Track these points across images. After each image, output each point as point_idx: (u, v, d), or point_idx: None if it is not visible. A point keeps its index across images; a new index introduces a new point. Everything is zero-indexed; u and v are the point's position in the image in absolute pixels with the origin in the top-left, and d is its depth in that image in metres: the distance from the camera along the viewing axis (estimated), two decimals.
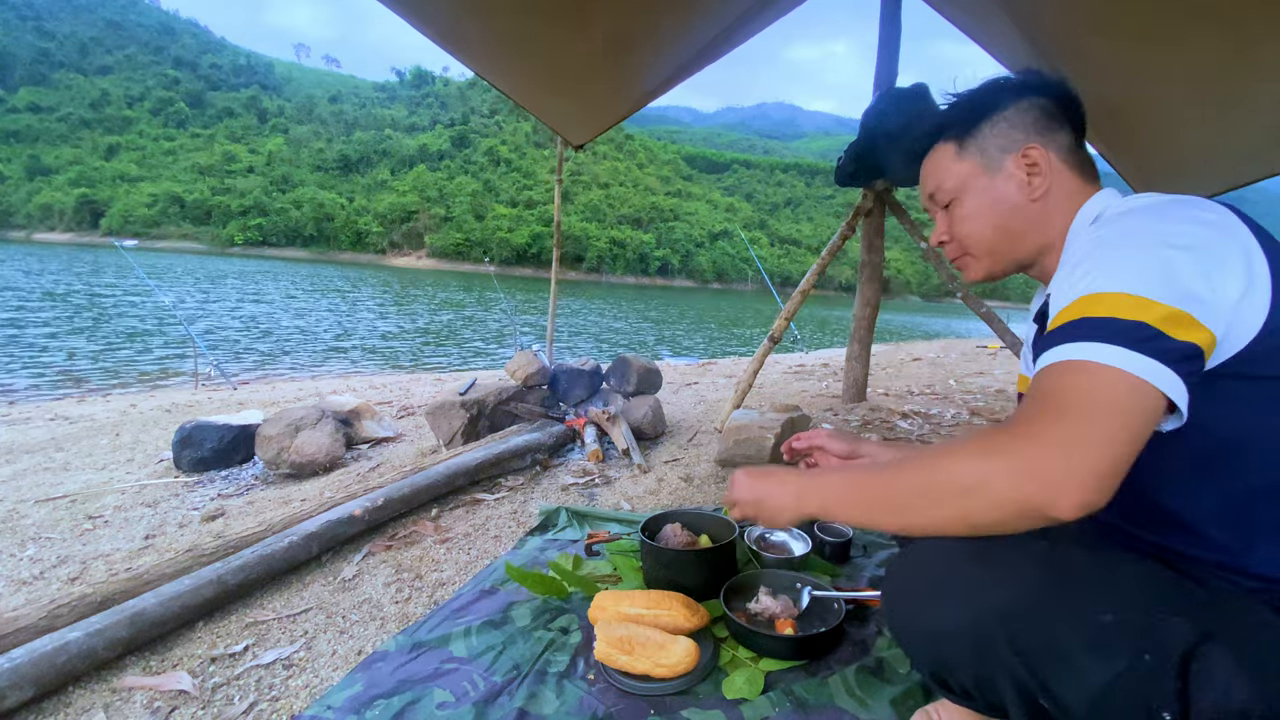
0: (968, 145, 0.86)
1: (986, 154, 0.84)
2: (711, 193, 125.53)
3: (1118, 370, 0.59)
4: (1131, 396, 0.59)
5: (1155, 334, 0.59)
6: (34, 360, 7.50)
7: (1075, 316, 0.64)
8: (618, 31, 2.51)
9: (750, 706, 1.08)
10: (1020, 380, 1.03)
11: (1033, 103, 0.83)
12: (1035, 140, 0.82)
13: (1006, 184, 0.83)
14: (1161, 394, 0.59)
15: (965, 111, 0.87)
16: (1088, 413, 0.59)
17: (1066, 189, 0.82)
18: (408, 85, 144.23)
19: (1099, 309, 0.62)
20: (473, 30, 2.47)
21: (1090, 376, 0.60)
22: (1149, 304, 0.60)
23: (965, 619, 0.68)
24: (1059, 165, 0.82)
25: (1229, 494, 0.67)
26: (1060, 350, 0.64)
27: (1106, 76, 2.73)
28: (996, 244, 0.86)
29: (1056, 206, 0.82)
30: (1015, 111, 0.83)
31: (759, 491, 0.85)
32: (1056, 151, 0.82)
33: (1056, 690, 0.62)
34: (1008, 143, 0.83)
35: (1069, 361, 0.62)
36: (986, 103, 0.85)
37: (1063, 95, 0.84)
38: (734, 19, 2.92)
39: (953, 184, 0.87)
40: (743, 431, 2.47)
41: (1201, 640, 0.58)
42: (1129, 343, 0.59)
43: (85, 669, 1.22)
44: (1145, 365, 0.59)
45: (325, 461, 2.58)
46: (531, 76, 2.92)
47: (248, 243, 73.32)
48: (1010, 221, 0.84)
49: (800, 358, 7.50)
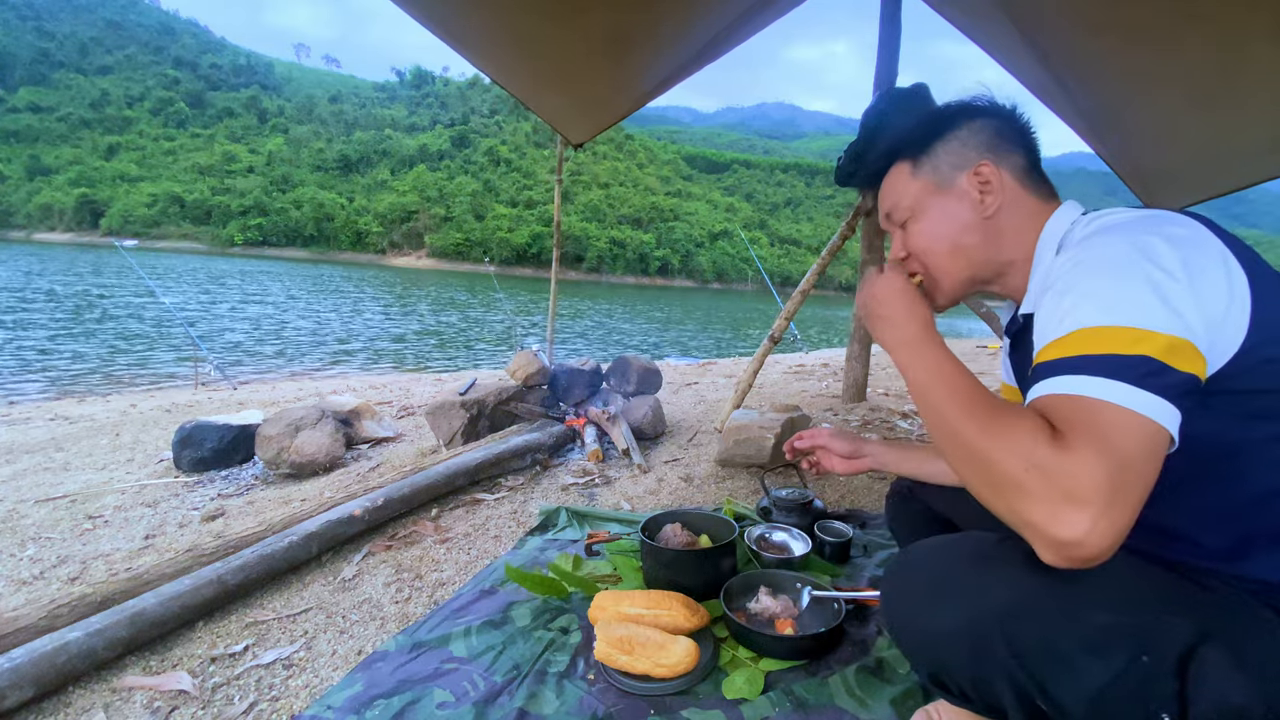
0: (922, 164, 0.87)
1: (939, 172, 0.85)
2: (711, 193, 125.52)
3: (1133, 414, 0.57)
4: (1151, 442, 0.57)
5: (1161, 368, 0.58)
6: (34, 360, 7.50)
7: (1076, 353, 0.62)
8: (617, 29, 2.51)
9: (750, 706, 1.08)
10: (1004, 389, 1.03)
11: (985, 123, 0.84)
12: (987, 158, 0.82)
13: (959, 202, 0.84)
14: (1168, 432, 0.58)
15: (920, 131, 0.88)
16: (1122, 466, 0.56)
17: (1023, 208, 0.82)
18: (408, 85, 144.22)
19: (1100, 345, 0.60)
20: (472, 24, 2.47)
21: (1115, 418, 0.57)
22: (1149, 336, 0.58)
23: (963, 620, 0.68)
24: (1012, 183, 0.82)
25: (1221, 505, 0.67)
26: (1063, 383, 0.61)
27: (1105, 78, 2.74)
28: (953, 264, 0.86)
29: (1012, 224, 0.82)
30: (968, 131, 0.84)
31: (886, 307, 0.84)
32: (1010, 170, 0.82)
33: (1054, 691, 0.62)
34: (960, 160, 0.84)
35: (1087, 399, 0.59)
36: (940, 123, 0.86)
37: (1014, 120, 0.85)
38: (733, 18, 2.91)
39: (908, 202, 0.88)
40: (743, 431, 2.47)
41: (1200, 641, 0.58)
42: (1135, 379, 0.57)
43: (85, 669, 1.22)
44: (1152, 404, 0.57)
45: (325, 461, 2.58)
46: (531, 72, 2.92)
47: (248, 243, 73.29)
48: (963, 239, 0.84)
49: (800, 358, 7.50)
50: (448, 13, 2.39)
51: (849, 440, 1.20)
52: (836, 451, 1.20)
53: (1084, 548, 0.55)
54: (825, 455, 1.22)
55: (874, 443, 1.19)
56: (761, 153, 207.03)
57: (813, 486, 2.25)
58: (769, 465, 2.37)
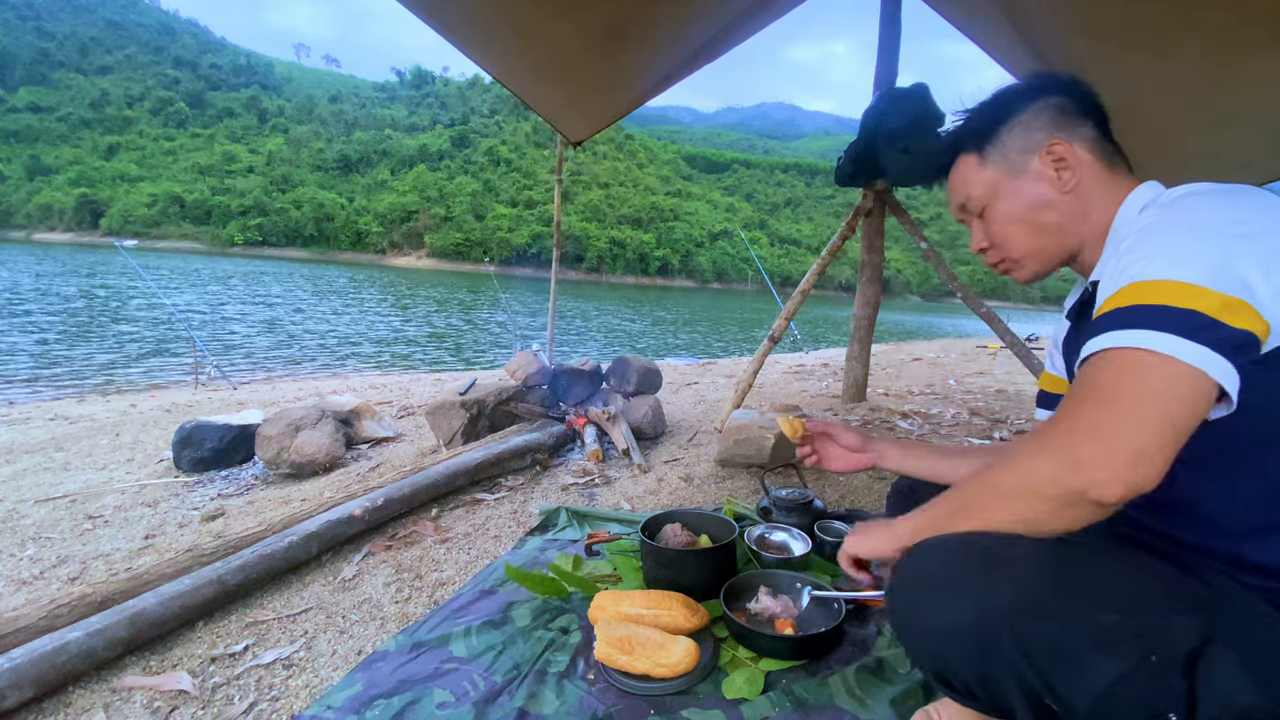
0: (989, 153, 0.87)
1: (1009, 159, 0.85)
2: (711, 193, 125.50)
3: (1168, 357, 0.59)
4: (1180, 383, 0.58)
5: (1211, 322, 0.58)
6: (33, 360, 7.50)
7: (1127, 303, 0.63)
8: (616, 24, 2.51)
9: (750, 706, 1.08)
10: (1043, 378, 1.03)
11: (1047, 102, 0.84)
12: (1057, 135, 0.82)
13: (1036, 183, 0.84)
14: (1214, 381, 0.58)
15: (981, 121, 0.88)
16: (1131, 398, 0.59)
17: (1099, 179, 0.82)
18: (408, 85, 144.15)
19: (1153, 296, 0.61)
20: (471, 18, 2.47)
21: (1138, 363, 0.60)
22: (1204, 292, 0.59)
23: (970, 617, 0.68)
24: (1086, 157, 0.82)
25: (1242, 484, 0.67)
26: (1109, 337, 0.63)
27: (1103, 80, 2.73)
28: (1036, 242, 0.86)
29: (1092, 197, 0.82)
30: (1031, 114, 0.84)
31: (860, 537, 0.87)
32: (1081, 144, 0.82)
33: (1062, 689, 0.61)
34: (1029, 143, 0.84)
35: (1116, 350, 0.62)
36: (1001, 110, 0.86)
37: (1076, 91, 0.84)
38: (732, 18, 2.92)
39: (981, 191, 0.88)
40: (743, 431, 2.47)
41: (1207, 641, 0.58)
42: (1184, 331, 0.58)
43: (85, 669, 1.22)
44: (1199, 353, 0.58)
45: (325, 461, 2.58)
46: (529, 68, 2.92)
47: (248, 243, 73.26)
48: (1045, 218, 0.84)
49: (800, 358, 7.50)
50: (447, 8, 2.39)
51: (856, 434, 1.19)
52: (842, 443, 1.19)
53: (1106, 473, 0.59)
54: (828, 446, 1.21)
55: (880, 440, 1.19)
56: (761, 153, 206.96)
57: (813, 487, 2.24)
58: (769, 465, 2.37)
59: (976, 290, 3.32)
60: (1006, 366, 6.32)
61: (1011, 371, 5.88)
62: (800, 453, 1.24)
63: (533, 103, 3.20)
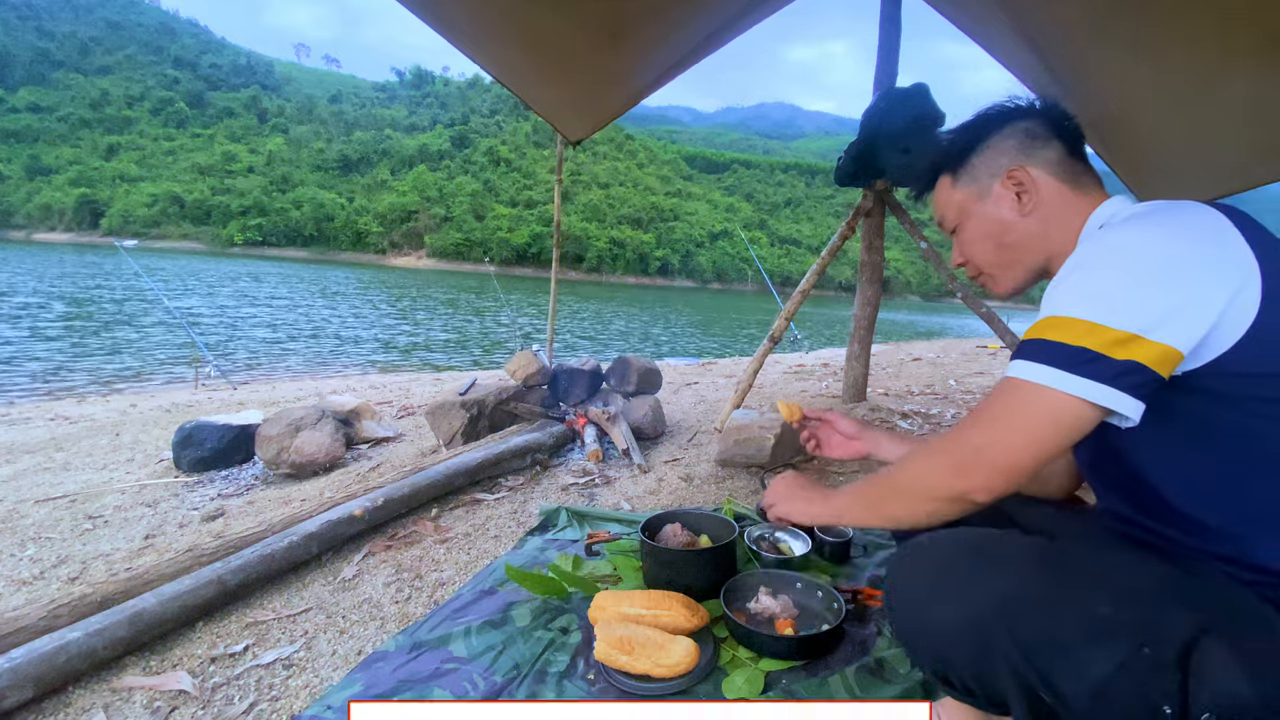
0: (961, 176, 0.93)
1: (978, 181, 0.91)
2: (711, 193, 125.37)
3: (1046, 389, 0.67)
4: (1049, 409, 0.67)
5: (1095, 357, 0.65)
6: (33, 360, 7.50)
7: (1033, 336, 0.71)
8: (614, 18, 2.51)
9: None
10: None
11: (1015, 127, 0.89)
12: (1019, 161, 0.87)
13: (998, 206, 0.89)
14: (1093, 406, 0.65)
15: (957, 146, 0.94)
16: (1009, 422, 0.70)
17: (1062, 199, 0.86)
18: (408, 85, 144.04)
19: (1052, 332, 0.68)
20: (470, 16, 2.46)
21: (1021, 391, 0.69)
22: (1098, 329, 0.65)
23: (966, 613, 0.69)
24: (1047, 180, 0.86)
25: (1231, 487, 0.68)
26: (1012, 365, 0.72)
27: (1103, 80, 2.74)
28: (1003, 261, 0.91)
29: (1052, 218, 0.86)
30: (999, 138, 0.90)
31: (786, 496, 1.02)
32: (1044, 168, 0.86)
33: (1057, 683, 0.62)
34: (994, 168, 0.89)
35: (1011, 379, 0.71)
36: (974, 135, 0.92)
37: (1047, 114, 0.89)
38: (731, 13, 2.91)
39: (953, 213, 0.95)
40: (743, 431, 2.47)
41: (1201, 633, 0.59)
42: (1067, 366, 0.66)
43: (85, 669, 1.23)
44: (1078, 385, 0.65)
45: (325, 461, 2.58)
46: (528, 66, 2.92)
47: (248, 243, 73.20)
48: (1008, 239, 0.89)
49: (800, 358, 7.50)
50: (446, 7, 2.39)
51: (853, 422, 1.22)
52: (839, 429, 1.22)
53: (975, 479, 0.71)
54: (826, 432, 1.24)
55: (876, 430, 1.21)
56: (761, 153, 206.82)
57: None
58: (769, 465, 2.37)
59: (976, 290, 3.31)
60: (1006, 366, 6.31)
61: None
62: (801, 437, 1.27)
63: (532, 101, 3.20)
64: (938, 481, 0.74)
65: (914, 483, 0.78)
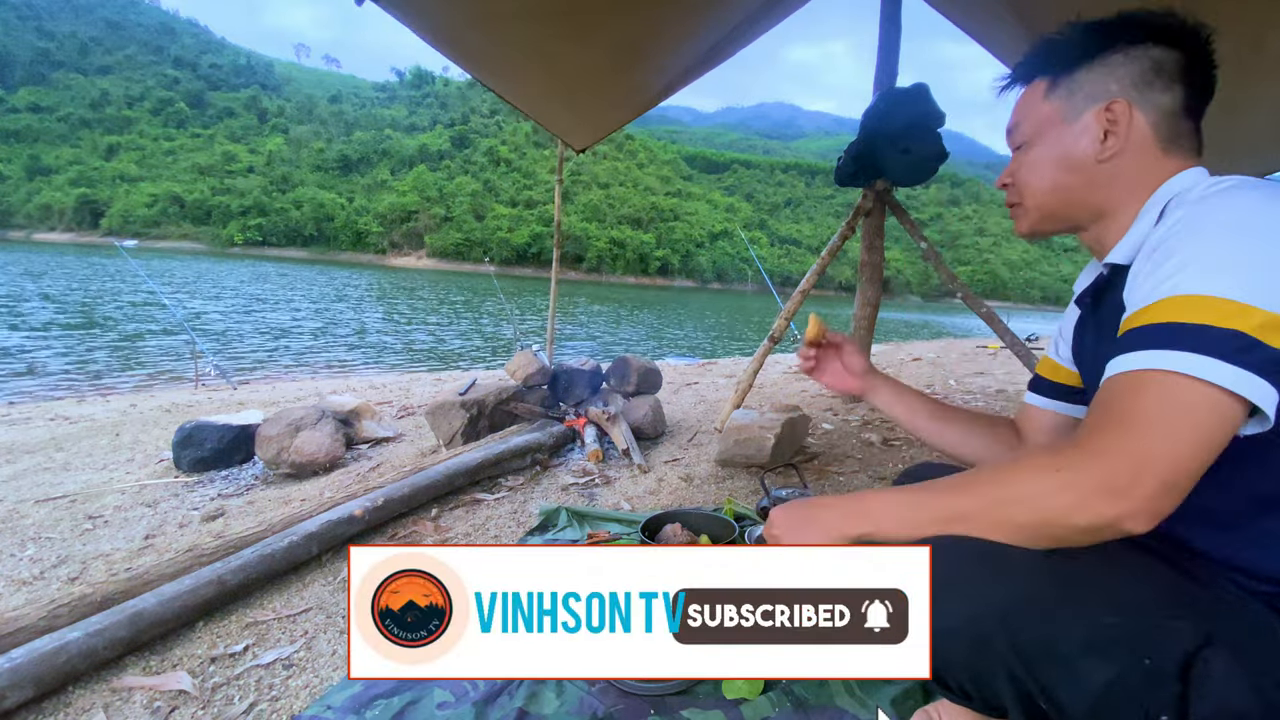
0: (1059, 86, 0.78)
1: (1073, 100, 0.77)
2: (711, 193, 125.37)
3: (1202, 382, 0.56)
4: (1213, 408, 0.56)
5: (1252, 343, 0.55)
6: (33, 360, 7.50)
7: (1163, 320, 0.59)
8: (624, 41, 2.52)
9: (750, 706, 1.08)
10: (1043, 363, 0.98)
11: (1144, 52, 0.73)
12: (1126, 96, 0.73)
13: (1079, 137, 0.76)
14: (1248, 402, 0.56)
15: (1071, 48, 0.78)
16: (1162, 425, 0.57)
17: (1145, 157, 0.74)
18: (408, 85, 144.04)
19: (1192, 314, 0.58)
20: (477, 40, 2.47)
21: (1170, 388, 0.58)
22: (1247, 310, 0.56)
23: (965, 616, 0.68)
24: (1144, 129, 0.73)
25: (1258, 493, 0.65)
26: (1143, 357, 0.60)
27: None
28: (1049, 199, 0.81)
29: (1125, 174, 0.74)
30: (1121, 58, 0.74)
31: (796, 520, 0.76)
32: (1149, 113, 0.73)
33: (1055, 691, 0.61)
34: (1097, 91, 0.75)
35: (1147, 371, 0.59)
36: (1094, 43, 0.76)
37: (1188, 46, 0.73)
38: (737, 23, 2.92)
39: (1029, 126, 0.81)
40: (743, 431, 2.47)
41: (1203, 644, 0.58)
42: (1223, 354, 0.56)
43: (85, 669, 1.22)
44: (1236, 376, 0.55)
45: (325, 461, 2.58)
46: (539, 87, 2.93)
47: (248, 243, 73.24)
48: (1069, 179, 0.78)
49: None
50: (451, 28, 2.39)
51: (863, 361, 1.12)
52: (845, 360, 1.12)
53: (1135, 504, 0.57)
54: (831, 358, 1.14)
55: (879, 376, 1.12)
56: (761, 153, 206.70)
57: (813, 487, 2.24)
58: (769, 465, 2.37)
59: (976, 290, 3.31)
60: (1006, 366, 6.32)
61: (1011, 371, 5.88)
62: (802, 353, 1.14)
63: (539, 118, 3.22)
64: (1073, 506, 0.60)
65: (1029, 505, 0.63)
